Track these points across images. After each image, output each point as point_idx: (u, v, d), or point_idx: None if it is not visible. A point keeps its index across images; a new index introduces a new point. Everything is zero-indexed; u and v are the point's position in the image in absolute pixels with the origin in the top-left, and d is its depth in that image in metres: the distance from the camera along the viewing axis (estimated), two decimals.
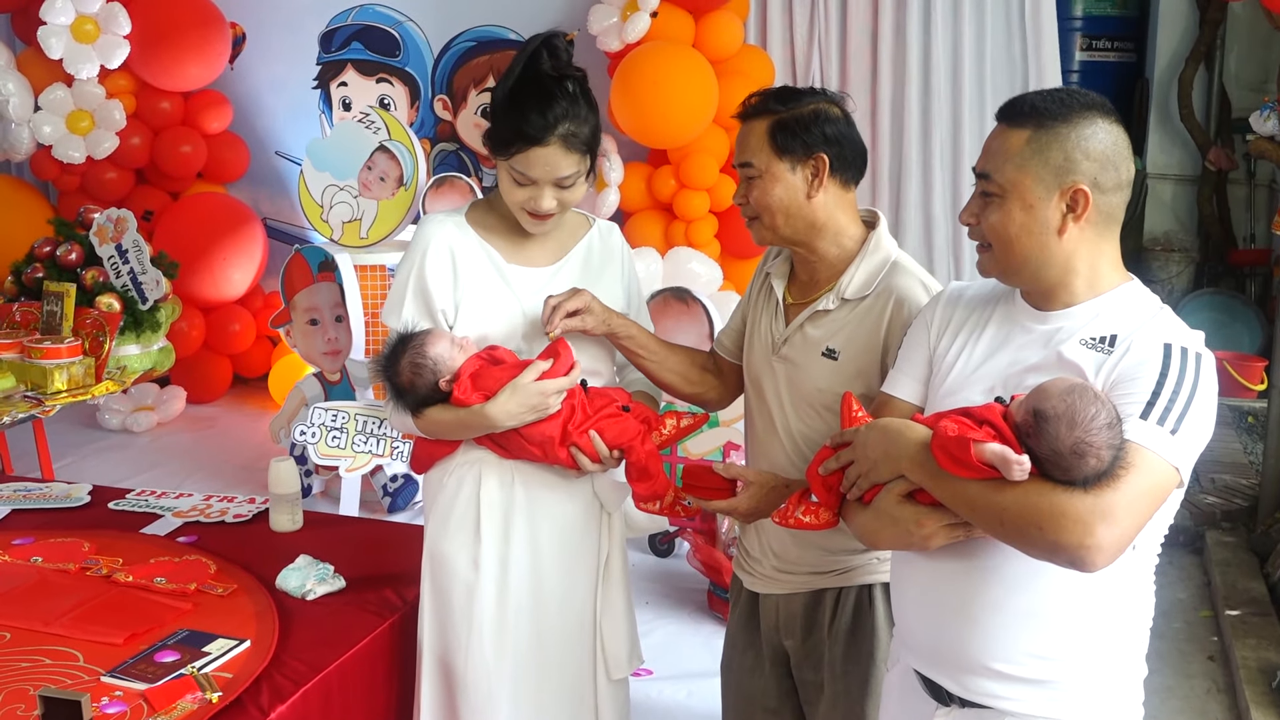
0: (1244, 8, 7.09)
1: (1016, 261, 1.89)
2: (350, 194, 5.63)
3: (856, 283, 2.36)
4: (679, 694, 3.79)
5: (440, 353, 2.43)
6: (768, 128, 2.33)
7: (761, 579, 2.55)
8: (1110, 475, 1.68)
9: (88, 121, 6.43)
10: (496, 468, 2.55)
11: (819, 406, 2.37)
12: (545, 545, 2.58)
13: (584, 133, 2.42)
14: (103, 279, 5.15)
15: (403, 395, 2.47)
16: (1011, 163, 1.86)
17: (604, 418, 2.48)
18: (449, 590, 2.58)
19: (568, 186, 2.44)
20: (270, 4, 7.12)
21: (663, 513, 2.55)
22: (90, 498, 3.46)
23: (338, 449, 4.93)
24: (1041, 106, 1.87)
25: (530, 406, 2.40)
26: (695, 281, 5.44)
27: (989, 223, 1.89)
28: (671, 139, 5.74)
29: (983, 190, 1.91)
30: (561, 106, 2.37)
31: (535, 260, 2.58)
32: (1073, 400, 1.70)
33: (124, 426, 6.58)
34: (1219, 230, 7.62)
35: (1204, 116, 7.64)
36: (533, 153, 2.38)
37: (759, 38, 6.23)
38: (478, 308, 2.52)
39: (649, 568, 4.78)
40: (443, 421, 2.48)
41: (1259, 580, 4.49)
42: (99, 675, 2.37)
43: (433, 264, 2.52)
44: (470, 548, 2.56)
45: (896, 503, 1.88)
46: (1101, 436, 1.68)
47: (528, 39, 2.43)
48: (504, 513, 2.56)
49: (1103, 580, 1.82)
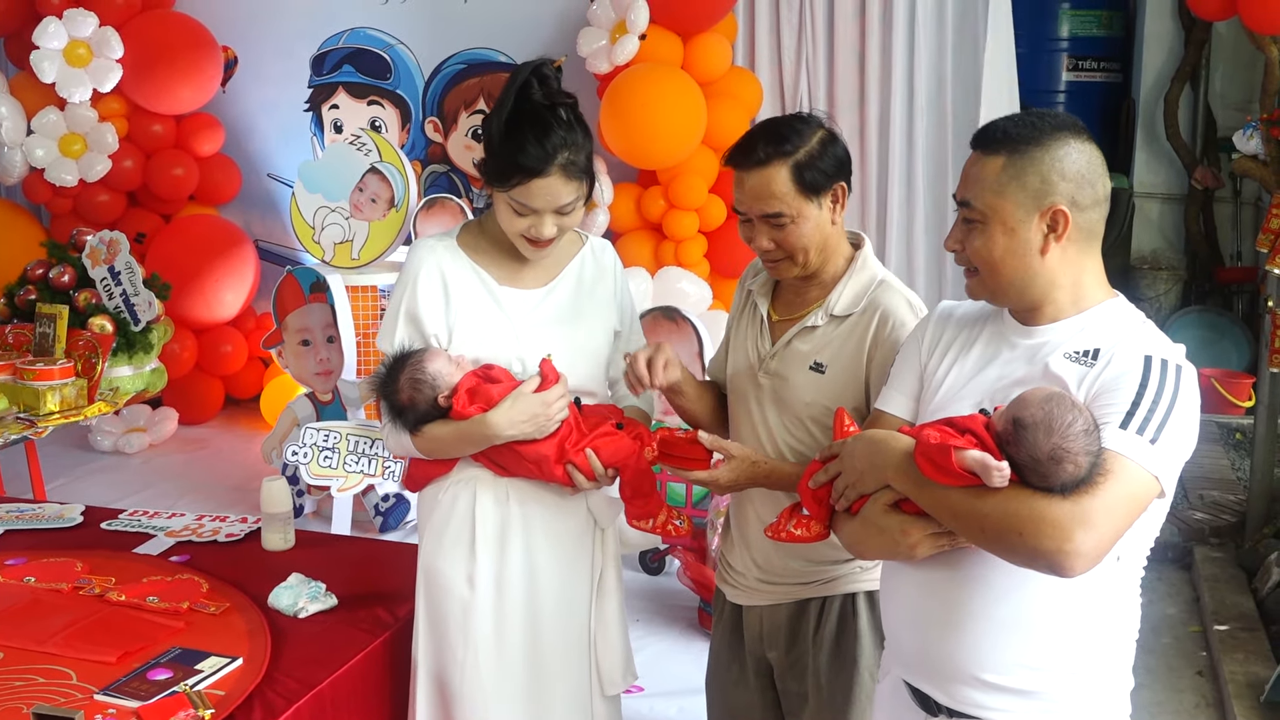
0: (1228, 28, 7.15)
1: (1003, 283, 1.93)
2: (342, 215, 5.65)
3: (845, 300, 2.40)
4: (670, 710, 3.80)
5: (439, 368, 2.44)
6: (791, 172, 2.31)
7: (745, 591, 2.57)
8: (1089, 482, 1.71)
9: (80, 145, 6.45)
10: (491, 485, 2.56)
11: (806, 419, 2.40)
12: (540, 561, 2.59)
13: (581, 159, 2.43)
14: (95, 301, 5.17)
15: (402, 413, 2.47)
16: (989, 189, 1.90)
17: (600, 436, 2.49)
18: (444, 607, 2.59)
19: (567, 213, 2.46)
20: (262, 27, 7.15)
21: (655, 531, 2.57)
22: (83, 518, 3.46)
23: (329, 469, 4.94)
24: (1014, 132, 1.90)
25: (531, 415, 2.41)
26: (685, 301, 5.47)
27: (973, 248, 1.93)
28: (661, 160, 5.77)
29: (965, 217, 1.95)
30: (559, 136, 2.38)
31: (527, 282, 2.59)
32: (1051, 408, 1.73)
33: (116, 448, 6.58)
34: (1206, 248, 7.66)
35: (1190, 136, 7.68)
36: (533, 184, 2.39)
37: (747, 59, 6.27)
38: (471, 331, 2.53)
39: (640, 585, 4.79)
40: (442, 437, 2.48)
41: (1247, 595, 4.51)
42: (92, 693, 2.38)
43: (424, 289, 2.53)
44: (465, 564, 2.56)
45: (883, 512, 1.91)
46: (1079, 443, 1.71)
47: (516, 68, 2.44)
48: (499, 529, 2.57)
49: (1089, 591, 1.85)
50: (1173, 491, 1.83)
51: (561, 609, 2.62)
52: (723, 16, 5.95)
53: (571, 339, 2.58)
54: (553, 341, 2.54)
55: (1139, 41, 7.96)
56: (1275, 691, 3.67)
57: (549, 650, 2.61)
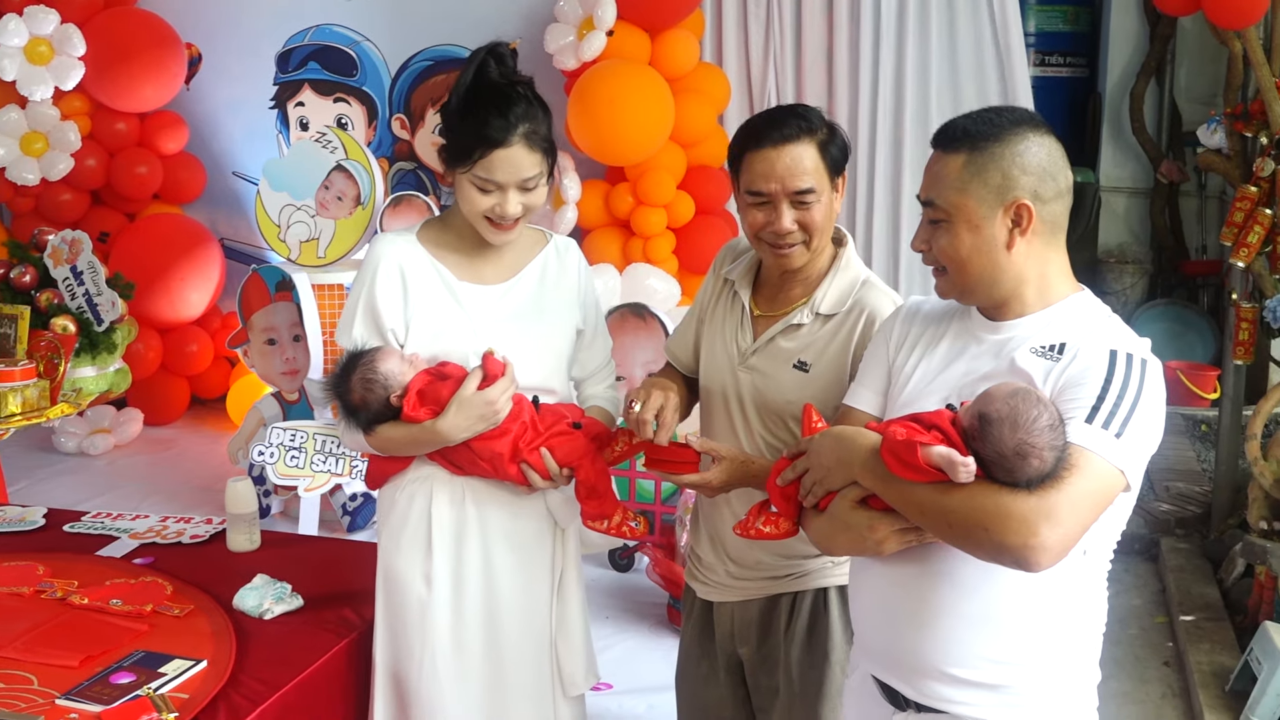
0: (1193, 23, 7.21)
1: (971, 281, 1.93)
2: (308, 213, 5.61)
3: (831, 299, 2.39)
4: (639, 708, 3.80)
5: (391, 369, 2.43)
6: (819, 149, 2.32)
7: (716, 587, 2.56)
8: (1054, 477, 1.71)
9: (42, 143, 6.39)
10: (447, 484, 2.55)
11: (787, 417, 2.39)
12: (498, 562, 2.58)
13: (543, 131, 2.44)
14: (57, 301, 5.11)
15: (355, 413, 2.46)
16: (952, 188, 1.90)
17: (554, 435, 2.48)
18: (402, 607, 2.58)
19: (531, 189, 2.45)
20: (226, 24, 7.09)
21: (611, 532, 2.55)
22: (45, 520, 3.43)
23: (296, 469, 4.91)
24: (973, 129, 1.91)
25: (479, 417, 2.41)
26: (653, 297, 5.47)
27: (939, 247, 1.93)
28: (628, 156, 5.76)
29: (929, 217, 1.95)
30: (520, 108, 2.39)
31: (487, 278, 2.58)
32: (1016, 403, 1.74)
33: (80, 449, 6.52)
34: (1172, 242, 7.72)
35: (1155, 130, 7.74)
36: (495, 155, 2.38)
37: (715, 55, 6.28)
38: (428, 326, 2.52)
39: (609, 582, 4.79)
40: (394, 439, 2.48)
41: (1212, 586, 4.54)
42: (54, 698, 2.36)
43: (383, 283, 2.51)
44: (422, 564, 2.55)
45: (850, 508, 1.91)
46: (1044, 438, 1.71)
47: (472, 52, 2.44)
48: (455, 529, 2.55)
49: (1055, 585, 1.85)
50: (1139, 485, 1.84)
51: (521, 609, 2.61)
52: (690, 12, 5.95)
53: (532, 336, 2.57)
54: (512, 338, 2.52)
55: (1105, 37, 8.02)
56: (1241, 681, 3.70)
57: (508, 651, 2.60)
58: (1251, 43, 4.64)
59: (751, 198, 2.35)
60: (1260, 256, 4.52)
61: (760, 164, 2.33)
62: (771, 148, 2.31)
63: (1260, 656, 3.60)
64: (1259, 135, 4.61)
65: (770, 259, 2.42)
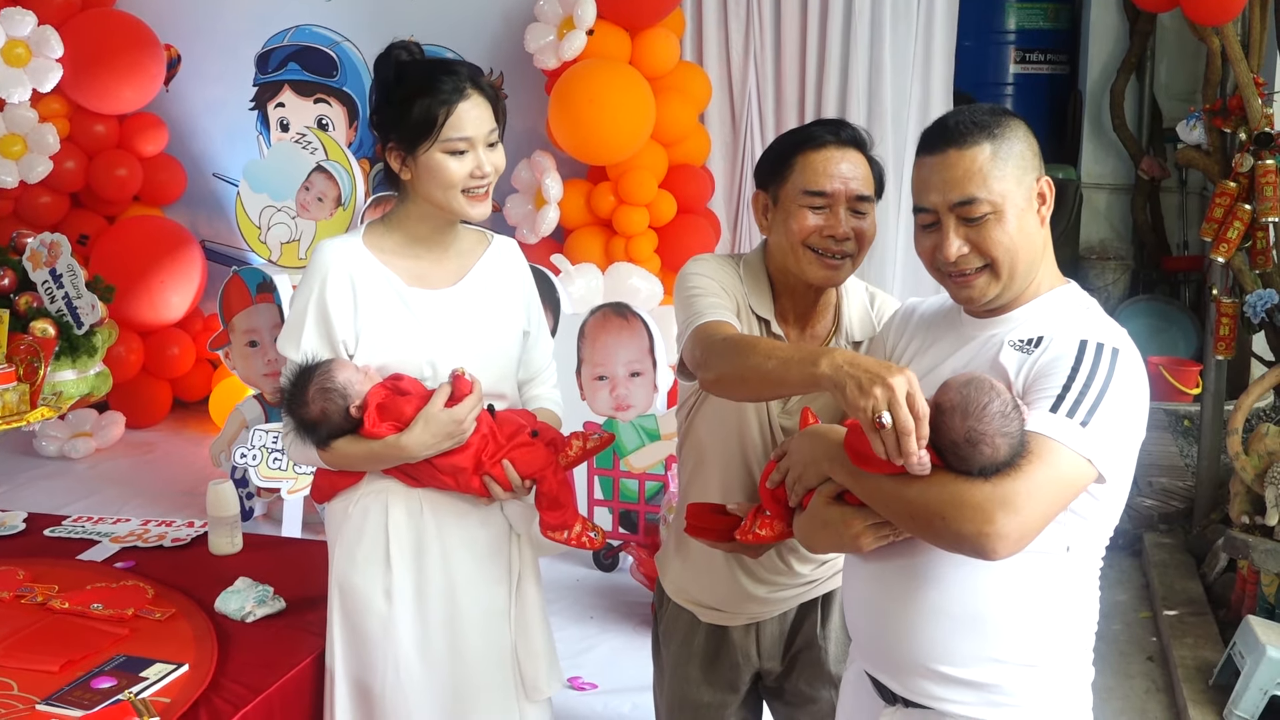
0: (1172, 19, 7.23)
1: (1023, 267, 1.91)
2: (288, 215, 5.60)
3: (856, 324, 2.37)
4: (623, 707, 3.78)
5: (348, 378, 2.37)
6: (870, 165, 2.27)
7: (744, 614, 2.47)
8: (1012, 465, 1.72)
9: (20, 146, 6.34)
10: (404, 497, 2.50)
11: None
12: (459, 572, 2.53)
13: (488, 84, 2.44)
14: (37, 304, 5.10)
15: (312, 429, 2.39)
16: (993, 176, 1.88)
17: (516, 447, 2.46)
18: (363, 623, 2.52)
19: (494, 144, 2.43)
20: (205, 25, 7.06)
21: (570, 543, 2.53)
22: (25, 525, 3.42)
23: (279, 471, 4.90)
24: (982, 121, 1.91)
25: (446, 435, 2.38)
26: (635, 297, 5.45)
27: (992, 241, 1.89)
28: (610, 156, 5.75)
29: (968, 215, 1.89)
30: (461, 65, 2.41)
31: (435, 281, 2.52)
32: (968, 391, 1.75)
33: (61, 453, 6.48)
34: (1153, 238, 7.75)
35: (1136, 126, 7.77)
36: (459, 109, 2.36)
37: (695, 54, 6.27)
38: (379, 334, 2.45)
39: (593, 582, 4.78)
40: (352, 454, 2.41)
41: (1196, 581, 4.56)
42: (34, 703, 2.34)
43: (333, 291, 2.43)
44: (382, 579, 2.50)
45: (825, 505, 1.92)
46: (993, 424, 1.71)
47: (378, 56, 2.48)
48: (414, 543, 2.51)
49: (1043, 584, 1.86)
50: (1122, 476, 1.83)
51: (482, 617, 2.56)
52: (670, 11, 5.94)
53: (482, 342, 2.53)
54: (463, 344, 2.48)
55: (1085, 34, 8.05)
56: (1224, 675, 3.72)
57: (471, 660, 2.55)
58: (1229, 39, 4.66)
59: (807, 198, 2.23)
60: (1240, 252, 4.55)
61: (822, 162, 2.23)
62: (835, 148, 2.24)
63: (1243, 650, 3.61)
64: (1238, 131, 4.64)
65: (816, 272, 2.26)
